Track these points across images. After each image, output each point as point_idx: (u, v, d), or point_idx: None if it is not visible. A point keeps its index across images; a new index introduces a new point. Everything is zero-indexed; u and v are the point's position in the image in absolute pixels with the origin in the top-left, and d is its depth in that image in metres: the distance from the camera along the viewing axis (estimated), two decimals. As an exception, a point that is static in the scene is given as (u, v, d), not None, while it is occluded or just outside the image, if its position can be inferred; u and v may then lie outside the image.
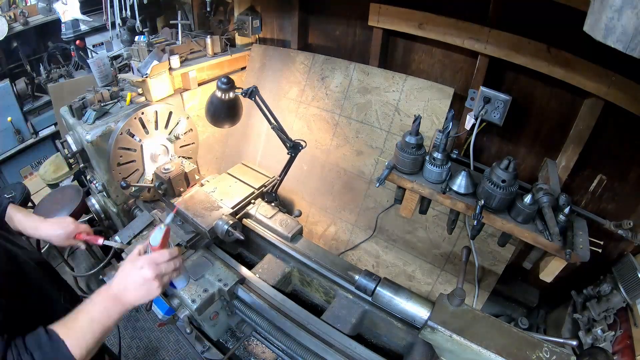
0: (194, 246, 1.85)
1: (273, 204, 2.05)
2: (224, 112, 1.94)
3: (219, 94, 1.85)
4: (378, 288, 1.46)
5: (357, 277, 1.52)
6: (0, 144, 3.92)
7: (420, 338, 1.28)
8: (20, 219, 1.29)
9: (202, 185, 2.11)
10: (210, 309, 1.59)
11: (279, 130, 1.88)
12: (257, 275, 1.75)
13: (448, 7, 1.93)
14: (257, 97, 1.79)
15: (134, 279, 0.98)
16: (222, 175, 2.23)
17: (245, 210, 2.03)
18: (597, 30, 0.62)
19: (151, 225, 2.01)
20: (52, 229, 1.31)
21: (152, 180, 2.10)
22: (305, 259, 1.77)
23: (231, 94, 1.85)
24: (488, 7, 1.80)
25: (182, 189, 2.04)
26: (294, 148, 1.95)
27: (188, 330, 1.60)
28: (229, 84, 1.83)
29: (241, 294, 1.61)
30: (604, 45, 0.61)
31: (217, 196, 1.99)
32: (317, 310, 1.77)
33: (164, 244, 1.10)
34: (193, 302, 1.52)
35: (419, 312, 1.38)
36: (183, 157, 2.31)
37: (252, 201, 2.05)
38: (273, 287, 1.68)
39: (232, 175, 2.21)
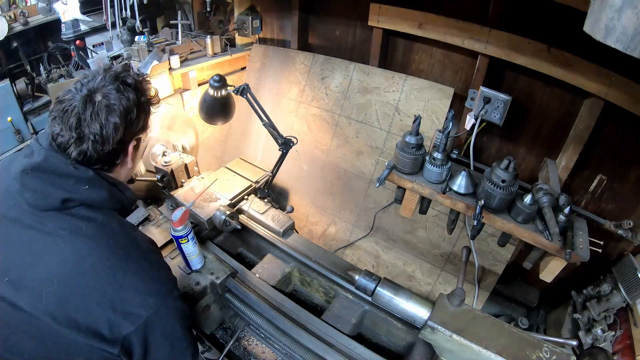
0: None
1: (266, 200, 2.06)
2: (216, 109, 1.97)
3: (211, 91, 1.88)
4: (378, 288, 1.46)
5: (357, 277, 1.52)
6: (0, 144, 3.92)
7: (420, 338, 1.28)
8: None
9: (201, 178, 2.14)
10: (202, 302, 1.60)
11: (271, 127, 1.91)
12: (257, 275, 1.75)
13: (448, 7, 1.93)
14: (248, 95, 1.81)
15: None
16: (220, 169, 2.24)
17: (240, 204, 2.05)
18: (597, 30, 0.62)
19: (147, 220, 2.05)
20: None
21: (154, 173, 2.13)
22: (305, 259, 1.77)
23: (223, 92, 1.88)
24: (488, 7, 1.80)
25: (183, 180, 2.08)
26: (285, 144, 1.97)
27: None
28: (221, 82, 1.85)
29: (232, 288, 1.62)
30: (604, 45, 0.61)
31: (216, 188, 2.01)
32: (317, 310, 1.77)
33: (182, 221, 1.40)
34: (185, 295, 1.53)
35: (419, 312, 1.37)
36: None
37: (246, 197, 2.06)
38: (273, 287, 1.68)
39: (230, 170, 2.23)
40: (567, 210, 1.33)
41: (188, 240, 1.50)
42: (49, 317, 0.89)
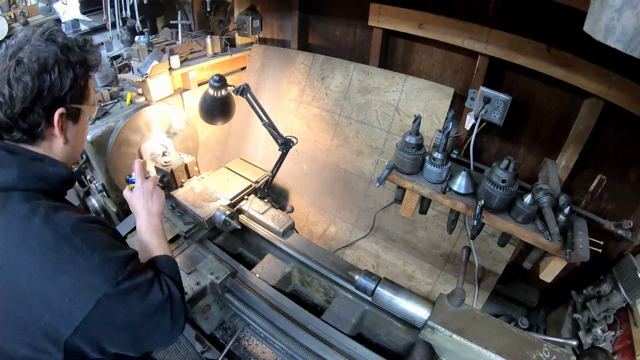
0: (192, 237, 1.88)
1: (266, 200, 2.07)
2: (216, 109, 1.97)
3: (211, 91, 1.88)
4: (378, 288, 1.46)
5: (357, 277, 1.52)
6: (0, 144, 3.91)
7: (420, 338, 1.28)
8: None
9: (201, 178, 2.14)
10: (202, 302, 1.60)
11: (271, 127, 1.91)
12: (257, 275, 1.75)
13: (448, 7, 1.93)
14: (248, 95, 1.81)
15: (146, 198, 1.20)
16: (220, 169, 2.25)
17: (240, 204, 2.05)
18: (597, 31, 0.62)
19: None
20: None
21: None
22: (305, 259, 1.77)
23: (223, 92, 1.88)
24: (488, 7, 1.80)
25: (183, 180, 2.08)
26: (285, 144, 1.98)
27: None
28: (221, 82, 1.85)
29: (232, 288, 1.62)
30: (604, 45, 0.61)
31: (216, 188, 2.01)
32: (317, 310, 1.77)
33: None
34: (185, 294, 1.53)
35: (419, 312, 1.37)
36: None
37: (246, 197, 2.06)
38: (273, 287, 1.68)
39: (230, 170, 2.23)
40: (567, 210, 1.33)
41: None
42: None
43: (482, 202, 1.38)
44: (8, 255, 0.80)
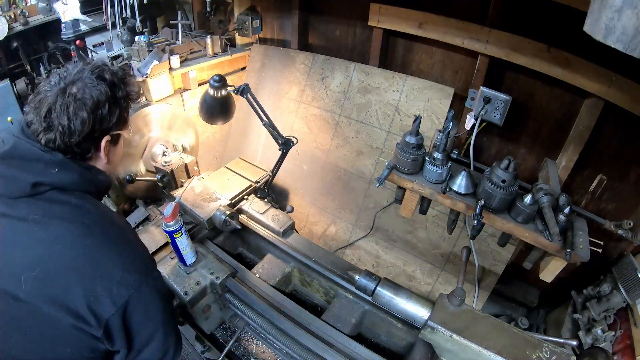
0: (192, 237, 1.87)
1: (266, 200, 2.07)
2: (217, 109, 1.97)
3: (211, 91, 1.88)
4: (378, 288, 1.46)
5: (357, 277, 1.52)
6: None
7: (420, 338, 1.28)
8: None
9: (201, 178, 2.14)
10: (203, 301, 1.60)
11: (271, 127, 1.91)
12: (257, 275, 1.75)
13: (448, 7, 1.93)
14: (248, 95, 1.81)
15: None
16: (220, 169, 2.24)
17: (240, 204, 2.05)
18: (597, 31, 0.62)
19: (147, 220, 2.06)
20: None
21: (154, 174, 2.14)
22: (305, 259, 1.77)
23: (223, 92, 1.88)
24: (488, 7, 1.80)
25: (183, 180, 2.08)
26: (285, 144, 1.97)
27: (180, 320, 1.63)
28: (221, 82, 1.85)
29: (232, 287, 1.62)
30: (604, 45, 0.62)
31: (216, 188, 2.01)
32: (317, 310, 1.77)
33: (174, 215, 1.45)
34: (185, 295, 1.53)
35: (419, 312, 1.37)
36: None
37: (246, 197, 2.06)
38: (273, 287, 1.68)
39: (230, 169, 2.23)
40: (567, 210, 1.33)
41: (182, 234, 1.50)
42: (31, 302, 0.89)
43: (482, 202, 1.38)
44: (70, 239, 0.93)
